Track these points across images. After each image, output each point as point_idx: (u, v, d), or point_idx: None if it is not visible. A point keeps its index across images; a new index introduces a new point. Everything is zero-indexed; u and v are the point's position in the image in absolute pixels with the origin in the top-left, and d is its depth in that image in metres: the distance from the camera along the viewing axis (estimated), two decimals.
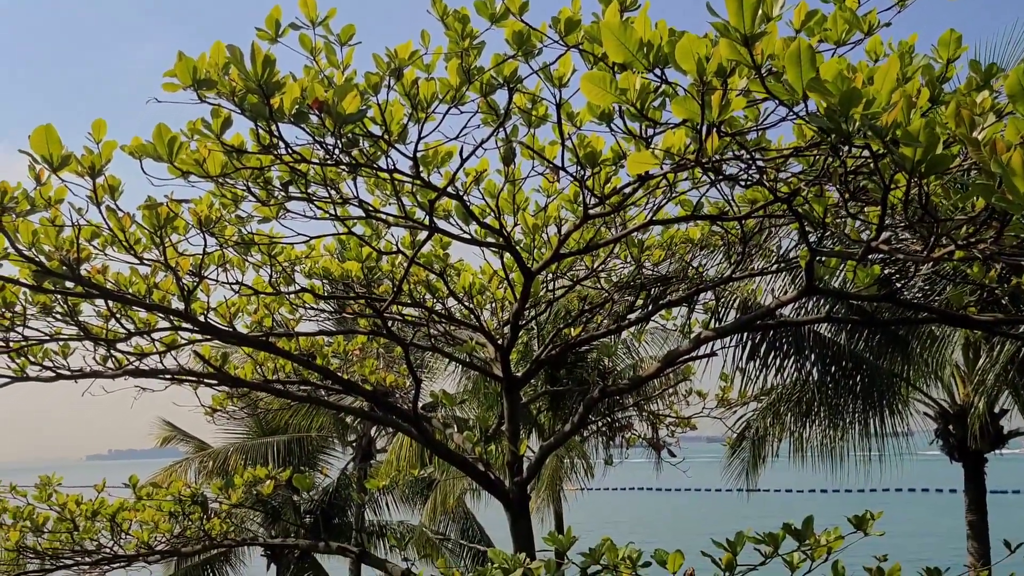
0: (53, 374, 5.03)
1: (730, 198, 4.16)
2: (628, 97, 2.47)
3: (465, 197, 4.19)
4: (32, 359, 4.92)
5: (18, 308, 4.57)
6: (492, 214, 4.39)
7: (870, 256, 3.72)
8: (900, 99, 2.11)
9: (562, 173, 3.88)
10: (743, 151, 3.06)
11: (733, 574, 3.58)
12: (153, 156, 3.59)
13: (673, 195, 4.26)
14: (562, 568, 3.66)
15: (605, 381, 5.24)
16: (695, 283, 5.49)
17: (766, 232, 5.86)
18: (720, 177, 3.49)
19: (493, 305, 5.87)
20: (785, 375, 10.75)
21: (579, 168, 3.82)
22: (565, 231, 4.45)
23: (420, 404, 5.39)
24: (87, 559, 6.56)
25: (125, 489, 6.84)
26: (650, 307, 5.59)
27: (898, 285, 5.57)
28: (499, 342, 5.35)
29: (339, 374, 5.67)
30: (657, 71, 2.52)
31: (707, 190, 4.10)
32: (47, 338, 4.77)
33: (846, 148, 2.54)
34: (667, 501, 79.72)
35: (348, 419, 17.36)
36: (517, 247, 4.57)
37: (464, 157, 3.69)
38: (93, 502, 6.50)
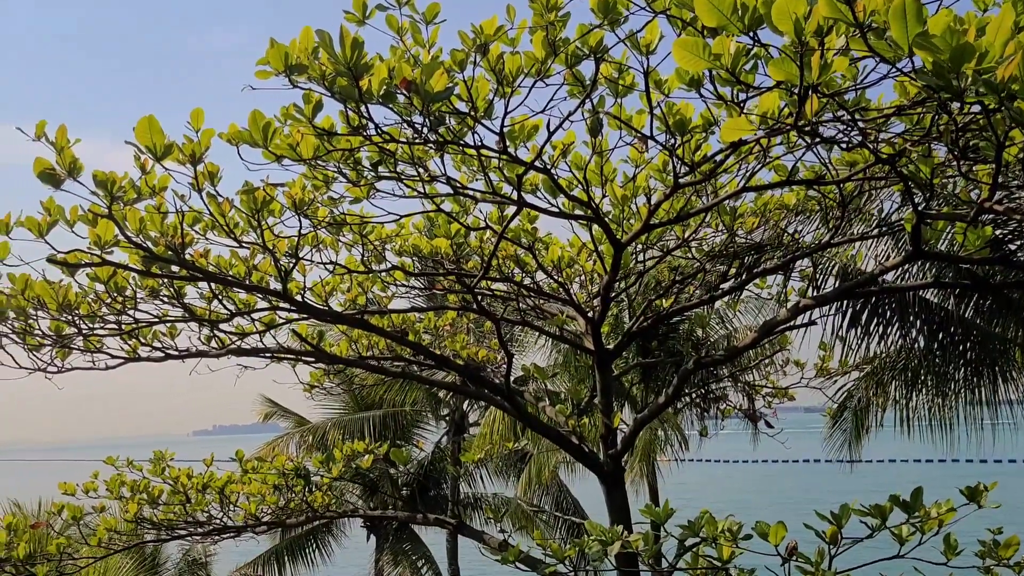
0: (162, 354, 5.24)
1: (827, 161, 4.01)
2: (722, 62, 2.39)
3: (552, 170, 4.16)
4: (143, 340, 5.13)
5: (128, 292, 4.77)
6: (580, 186, 4.35)
7: (981, 217, 3.53)
8: (1016, 51, 1.98)
9: (651, 142, 3.81)
10: (842, 112, 2.93)
11: (838, 547, 3.49)
12: (249, 142, 3.69)
13: (767, 160, 4.13)
14: (660, 541, 3.64)
15: (699, 352, 5.16)
16: (791, 250, 5.33)
17: (866, 195, 5.64)
18: (817, 140, 3.36)
19: (582, 278, 5.84)
20: (889, 343, 10.34)
21: (668, 136, 3.74)
22: (655, 201, 4.38)
23: (512, 378, 5.42)
24: (199, 529, 6.87)
25: (230, 463, 7.13)
26: (744, 276, 5.46)
27: (1012, 247, 5.27)
28: (589, 315, 5.32)
29: (431, 350, 5.75)
30: (750, 34, 2.44)
31: (803, 154, 3.96)
32: (156, 320, 4.97)
33: (956, 105, 2.41)
34: (764, 473, 78.49)
35: (441, 393, 17.61)
36: (606, 219, 4.52)
37: (551, 130, 3.66)
38: (203, 476, 6.79)
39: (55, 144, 3.67)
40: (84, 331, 4.86)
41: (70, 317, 4.73)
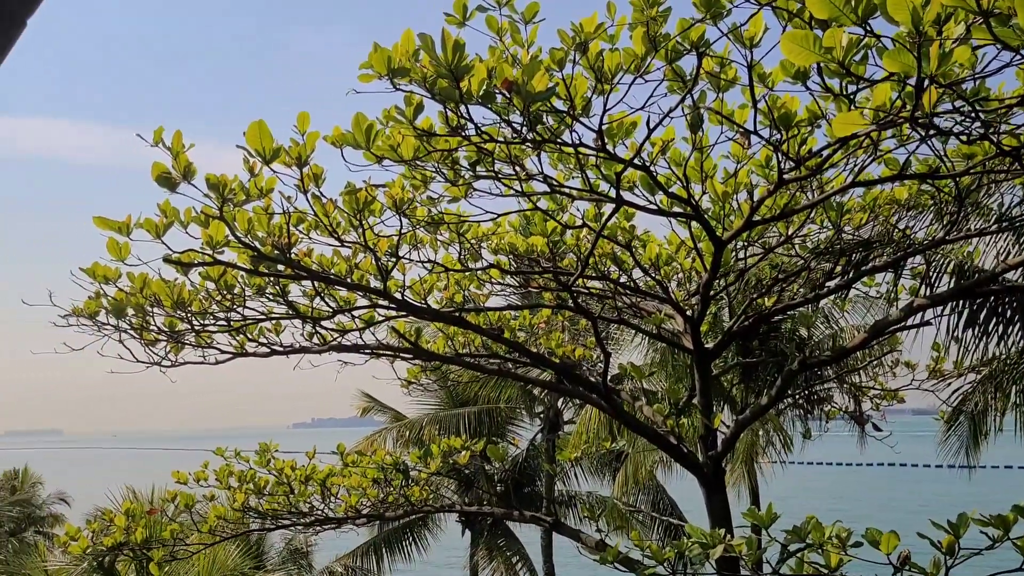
0: (268, 350, 5.42)
1: (942, 154, 3.82)
2: (834, 55, 2.31)
3: (651, 167, 4.10)
4: (249, 336, 5.31)
5: (237, 290, 4.95)
6: (679, 183, 4.28)
7: None
8: None
9: (754, 137, 3.72)
10: (961, 103, 2.79)
11: (955, 559, 3.32)
12: (352, 144, 3.78)
13: (877, 154, 3.97)
14: (764, 546, 3.55)
15: (804, 352, 5.00)
16: (902, 247, 5.11)
17: (984, 189, 5.35)
18: (933, 132, 3.21)
19: (680, 276, 5.75)
20: (1009, 344, 9.77)
21: (772, 131, 3.64)
22: (758, 198, 4.27)
23: (608, 376, 5.38)
24: (302, 520, 7.07)
25: (330, 455, 7.32)
26: (851, 274, 5.26)
27: None
28: (688, 313, 5.24)
29: (527, 347, 5.76)
30: (862, 24, 2.34)
31: (916, 147, 3.78)
32: (262, 317, 5.14)
33: None
34: (871, 477, 75.66)
35: (536, 391, 17.64)
36: (705, 215, 4.43)
37: (651, 127, 3.60)
38: (305, 468, 6.99)
39: (171, 149, 3.84)
40: (196, 327, 5.07)
41: (183, 314, 4.94)
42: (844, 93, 3.04)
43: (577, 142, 3.76)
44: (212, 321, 5.09)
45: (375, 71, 3.32)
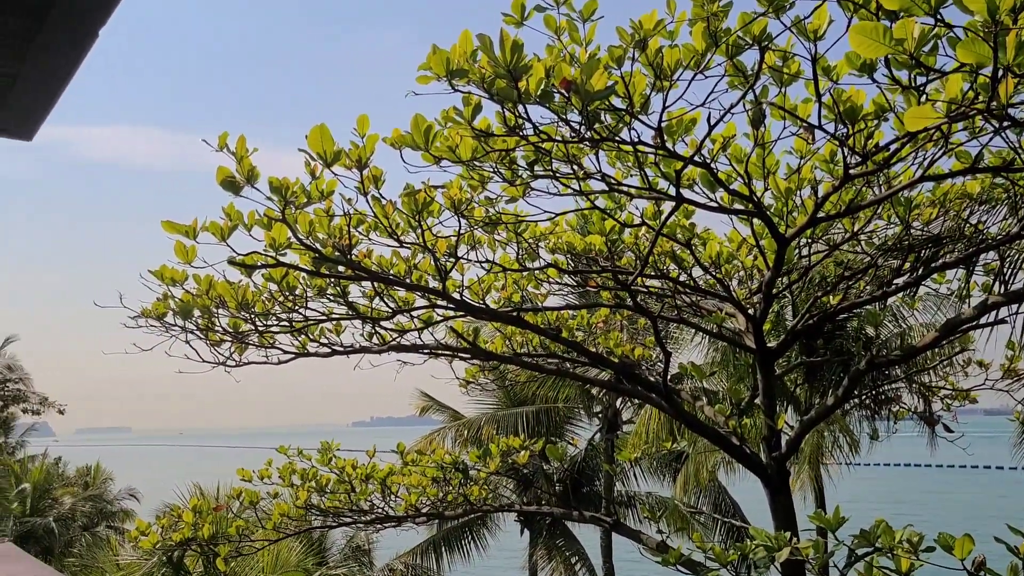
0: (329, 350, 5.49)
1: (1017, 146, 3.68)
2: (905, 47, 2.24)
3: (712, 164, 4.04)
4: (311, 337, 5.38)
5: (299, 291, 5.02)
6: (740, 180, 4.21)
7: None
8: None
9: (818, 132, 3.64)
10: None
11: None
12: (411, 145, 3.80)
13: (947, 147, 3.85)
14: (832, 550, 3.47)
15: (871, 351, 4.87)
16: (974, 242, 4.94)
17: None
18: (1007, 124, 3.09)
19: (741, 274, 5.65)
20: None
21: (837, 125, 3.56)
22: (822, 193, 4.17)
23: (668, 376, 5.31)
24: (363, 518, 7.15)
25: (389, 454, 7.39)
26: (920, 271, 5.11)
27: None
28: (750, 312, 5.15)
29: (585, 347, 5.73)
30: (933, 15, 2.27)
31: (990, 139, 3.65)
32: (323, 318, 5.20)
33: None
34: (942, 479, 73.47)
35: (594, 391, 17.56)
36: (768, 212, 4.35)
37: (712, 123, 3.55)
38: (366, 466, 7.06)
39: (235, 153, 3.91)
40: (259, 328, 5.16)
41: (247, 315, 5.03)
42: (913, 85, 2.95)
43: (636, 140, 3.72)
44: (275, 322, 5.17)
45: (433, 72, 3.33)
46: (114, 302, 5.00)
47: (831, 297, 5.38)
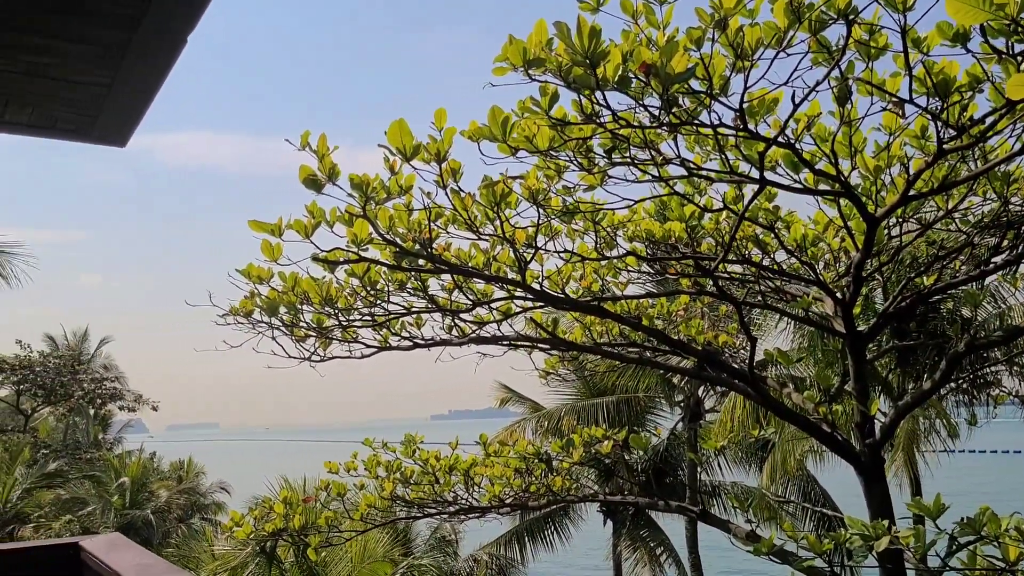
0: (410, 343, 5.54)
1: None
2: (1007, 11, 2.13)
3: (796, 144, 3.93)
4: (392, 330, 5.45)
5: (380, 286, 5.09)
6: (825, 159, 4.08)
7: None
8: None
9: (908, 106, 3.50)
10: None
11: None
12: (488, 137, 3.81)
13: None
14: (934, 538, 3.34)
15: (969, 333, 4.67)
16: None
17: None
18: None
19: (827, 257, 5.49)
20: None
21: (929, 98, 3.42)
22: (914, 170, 4.01)
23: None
24: (448, 509, 7.22)
25: (470, 446, 7.44)
26: (1020, 248, 4.87)
27: None
28: (838, 296, 5.00)
29: (667, 335, 5.66)
30: None
31: None
32: (404, 312, 5.26)
33: None
34: None
35: (675, 379, 17.38)
36: (856, 192, 4.21)
37: (796, 102, 3.45)
38: (449, 458, 7.13)
39: (317, 152, 3.98)
40: (343, 323, 5.25)
41: (330, 310, 5.13)
42: (1011, 53, 2.81)
43: (716, 123, 3.65)
44: (357, 316, 5.25)
45: (509, 63, 3.32)
46: (203, 302, 5.15)
47: (924, 278, 5.18)
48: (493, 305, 5.39)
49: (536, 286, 4.99)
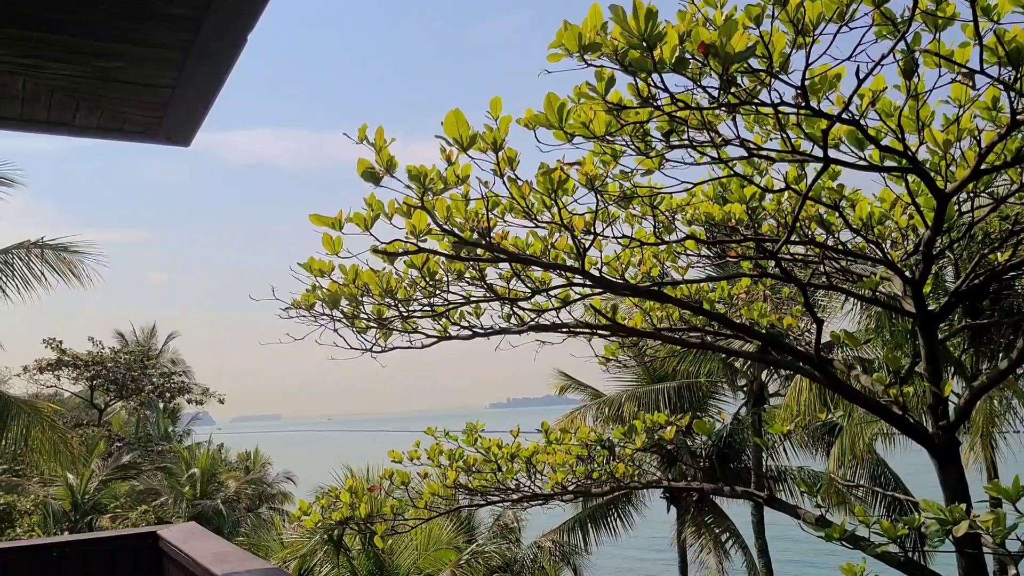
0: (469, 332, 5.57)
1: None
2: None
3: (860, 120, 3.83)
4: (452, 320, 5.48)
5: (439, 276, 5.12)
6: (891, 135, 3.97)
7: None
8: None
9: (979, 77, 3.38)
10: None
11: None
12: (544, 124, 3.80)
13: None
14: (1016, 522, 3.24)
15: None
16: None
17: None
18: None
19: (894, 235, 5.35)
20: None
21: (1001, 68, 3.30)
22: (986, 143, 3.88)
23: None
24: (510, 496, 7.26)
25: (532, 433, 7.46)
26: None
27: None
28: (907, 275, 4.87)
29: (729, 318, 5.58)
30: None
31: None
32: (464, 301, 5.28)
33: None
34: None
35: (738, 364, 17.17)
36: (924, 167, 4.09)
37: (861, 77, 3.36)
38: (510, 446, 7.16)
39: (375, 145, 4.02)
40: (403, 313, 5.30)
41: (390, 301, 5.18)
42: None
43: (778, 101, 3.57)
44: (417, 307, 5.29)
45: (564, 49, 3.30)
46: (266, 296, 5.24)
47: (998, 254, 5.01)
48: (551, 292, 5.38)
49: (595, 272, 4.96)
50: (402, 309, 5.30)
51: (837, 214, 4.81)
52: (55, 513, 22.78)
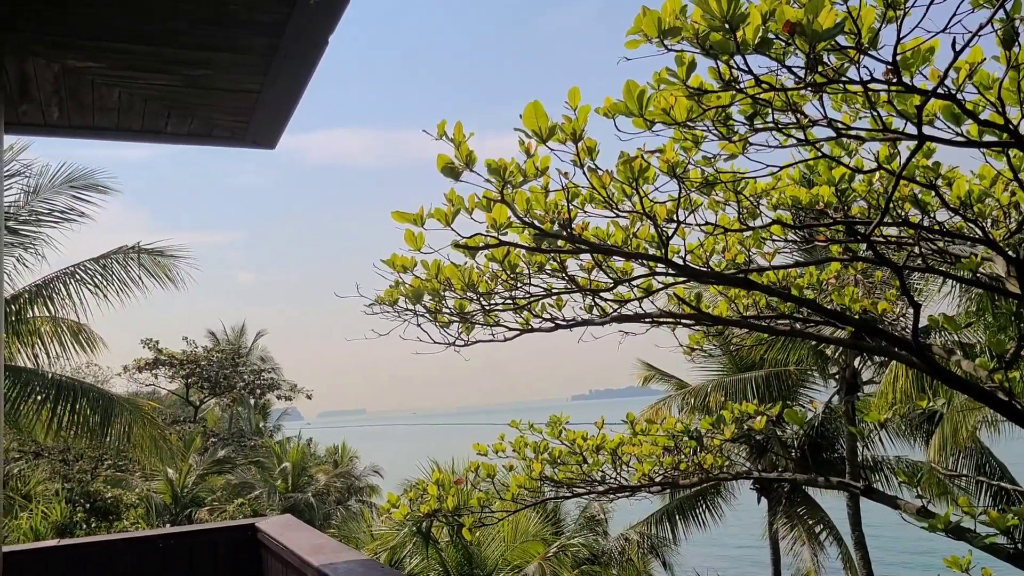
0: (552, 324, 5.56)
1: None
2: None
3: (957, 95, 3.66)
4: (533, 313, 5.48)
5: (519, 269, 5.13)
6: (990, 108, 3.78)
7: None
8: None
9: None
10: None
11: None
12: (624, 113, 3.75)
13: None
14: None
15: None
16: None
17: None
18: None
19: (995, 214, 5.10)
20: None
21: None
22: None
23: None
24: (596, 488, 7.23)
25: (617, 425, 7.42)
26: None
27: None
28: (1010, 254, 4.64)
29: (820, 304, 5.43)
30: None
31: None
32: (545, 293, 5.28)
33: None
34: None
35: (829, 351, 16.69)
36: None
37: (957, 49, 3.20)
38: (596, 437, 7.14)
39: (454, 140, 4.04)
40: (485, 307, 5.32)
41: (472, 295, 5.21)
42: None
43: (868, 78, 3.44)
44: (498, 300, 5.31)
45: (642, 35, 3.25)
46: (349, 293, 5.34)
47: None
48: (634, 283, 5.32)
49: (679, 261, 4.89)
50: (484, 302, 5.32)
51: (933, 193, 4.61)
52: (156, 506, 23.78)
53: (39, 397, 13.74)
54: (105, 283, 14.70)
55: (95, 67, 2.78)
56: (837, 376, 17.58)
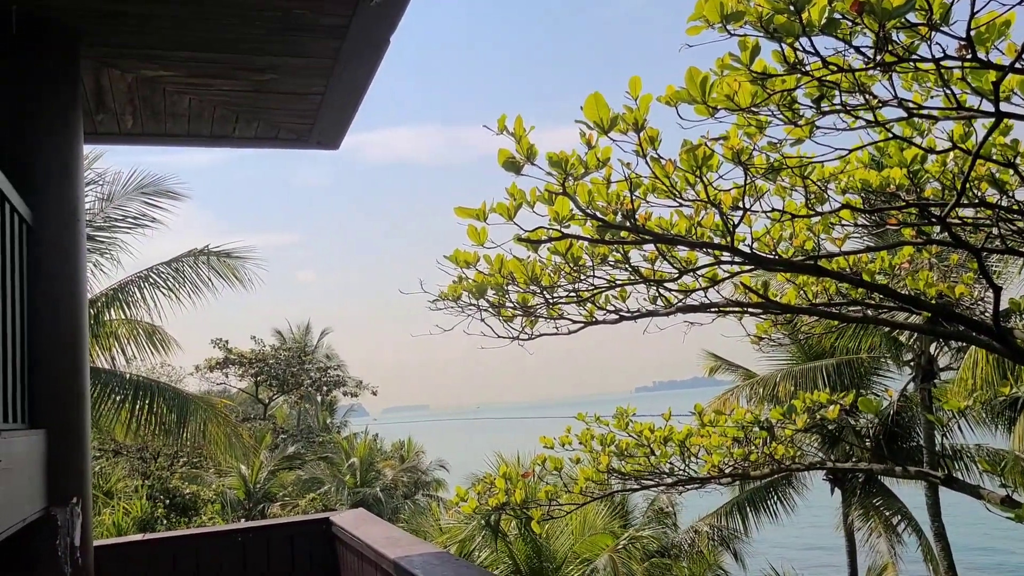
0: (616, 316, 5.52)
1: None
2: None
3: None
4: (597, 305, 5.46)
5: (582, 261, 5.11)
6: None
7: None
8: None
9: None
10: None
11: None
12: (687, 100, 3.70)
13: None
14: None
15: None
16: None
17: None
18: None
19: None
20: None
21: None
22: None
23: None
24: (665, 480, 7.17)
25: (684, 416, 7.34)
26: None
27: None
28: None
29: (894, 289, 5.28)
30: None
31: None
32: (609, 285, 5.25)
33: None
34: None
35: (903, 337, 16.20)
36: None
37: None
38: (663, 429, 7.08)
39: (514, 134, 4.04)
40: (548, 300, 5.32)
41: (535, 289, 5.21)
42: None
43: (941, 55, 3.33)
44: (562, 293, 5.30)
45: (704, 21, 3.20)
46: (412, 289, 5.38)
47: None
48: (699, 272, 5.26)
49: (745, 248, 4.81)
50: (547, 296, 5.32)
51: (1011, 171, 4.44)
52: (231, 501, 24.41)
53: (118, 397, 14.23)
54: (177, 285, 15.16)
55: (168, 76, 2.86)
56: (912, 363, 17.04)
